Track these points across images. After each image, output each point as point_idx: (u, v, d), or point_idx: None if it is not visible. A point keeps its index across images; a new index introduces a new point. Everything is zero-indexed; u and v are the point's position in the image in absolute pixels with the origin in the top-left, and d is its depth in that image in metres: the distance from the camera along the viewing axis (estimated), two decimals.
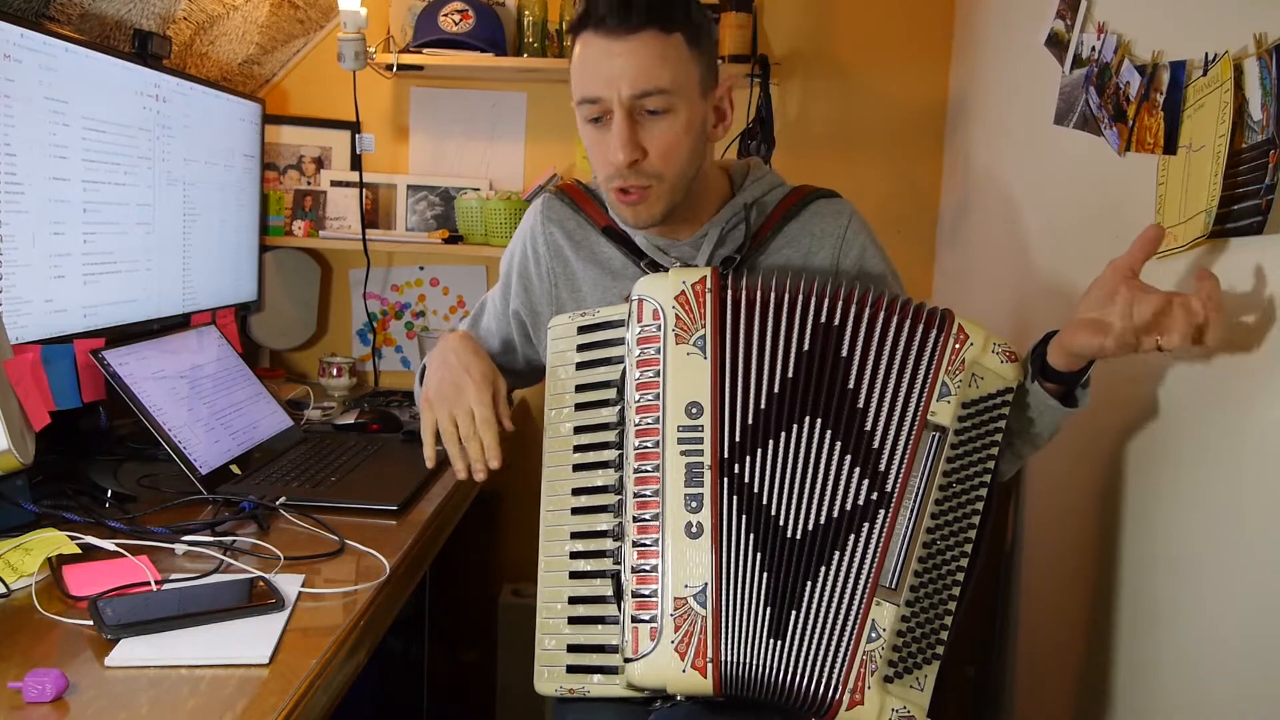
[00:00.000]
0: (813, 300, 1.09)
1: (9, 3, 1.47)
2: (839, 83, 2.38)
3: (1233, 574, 1.00)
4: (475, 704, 2.44)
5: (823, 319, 1.09)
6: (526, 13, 2.28)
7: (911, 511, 1.05)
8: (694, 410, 1.06)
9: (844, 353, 1.08)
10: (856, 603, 1.04)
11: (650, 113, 1.15)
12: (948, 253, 2.31)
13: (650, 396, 1.07)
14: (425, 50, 2.23)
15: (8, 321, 1.38)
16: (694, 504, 1.04)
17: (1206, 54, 1.07)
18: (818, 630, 1.04)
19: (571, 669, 1.10)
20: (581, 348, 1.18)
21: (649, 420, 1.07)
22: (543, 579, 1.14)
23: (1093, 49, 1.37)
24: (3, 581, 1.10)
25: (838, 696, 1.02)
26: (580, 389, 1.17)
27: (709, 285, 1.10)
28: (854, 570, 1.04)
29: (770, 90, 2.24)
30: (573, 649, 1.11)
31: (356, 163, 2.38)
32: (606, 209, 1.32)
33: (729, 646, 1.02)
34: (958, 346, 1.08)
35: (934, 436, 1.06)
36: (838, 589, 1.04)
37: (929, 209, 2.39)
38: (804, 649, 1.03)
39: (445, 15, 2.23)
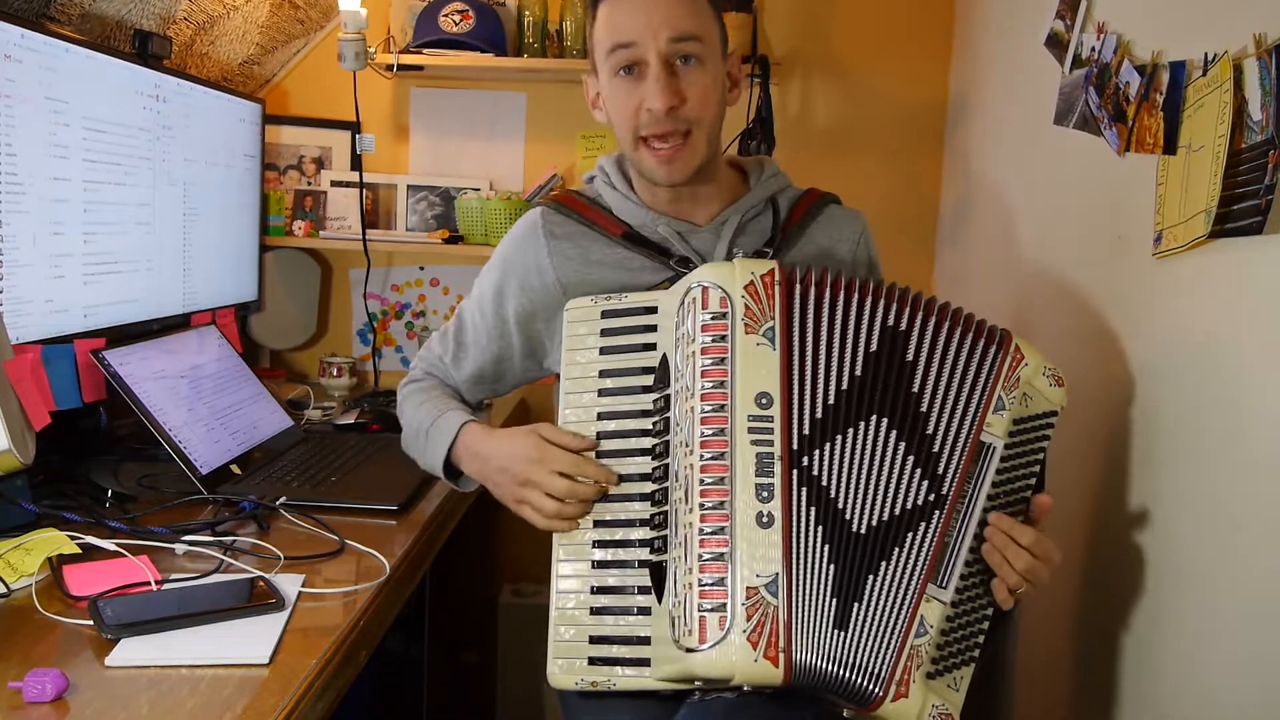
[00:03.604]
0: (881, 303, 1.11)
1: (9, 3, 1.47)
2: (839, 83, 2.38)
3: (1234, 574, 1.00)
4: (475, 704, 2.44)
5: (890, 322, 1.10)
6: (526, 13, 2.28)
7: (963, 515, 1.07)
8: (764, 400, 1.06)
9: (909, 357, 1.10)
10: (909, 598, 1.04)
11: (683, 61, 1.18)
12: (948, 253, 2.31)
13: (714, 384, 1.06)
14: (425, 50, 2.23)
15: (8, 321, 1.38)
16: (765, 494, 1.03)
17: (1206, 54, 1.07)
18: (874, 623, 1.04)
19: (595, 660, 1.08)
20: (606, 333, 1.17)
21: (712, 408, 1.06)
22: (559, 567, 1.12)
23: (1093, 49, 1.37)
24: (3, 581, 1.10)
25: (885, 688, 1.02)
26: (604, 375, 1.16)
27: (778, 278, 1.09)
28: (910, 566, 1.05)
29: (770, 90, 2.24)
30: (596, 640, 1.09)
31: (356, 163, 2.38)
32: (613, 212, 1.31)
33: (798, 637, 1.01)
34: (1014, 364, 1.11)
35: (988, 447, 1.09)
36: (895, 583, 1.05)
37: (929, 209, 2.39)
38: (862, 640, 1.03)
39: (445, 15, 2.23)
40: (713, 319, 1.08)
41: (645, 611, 1.09)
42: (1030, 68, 1.65)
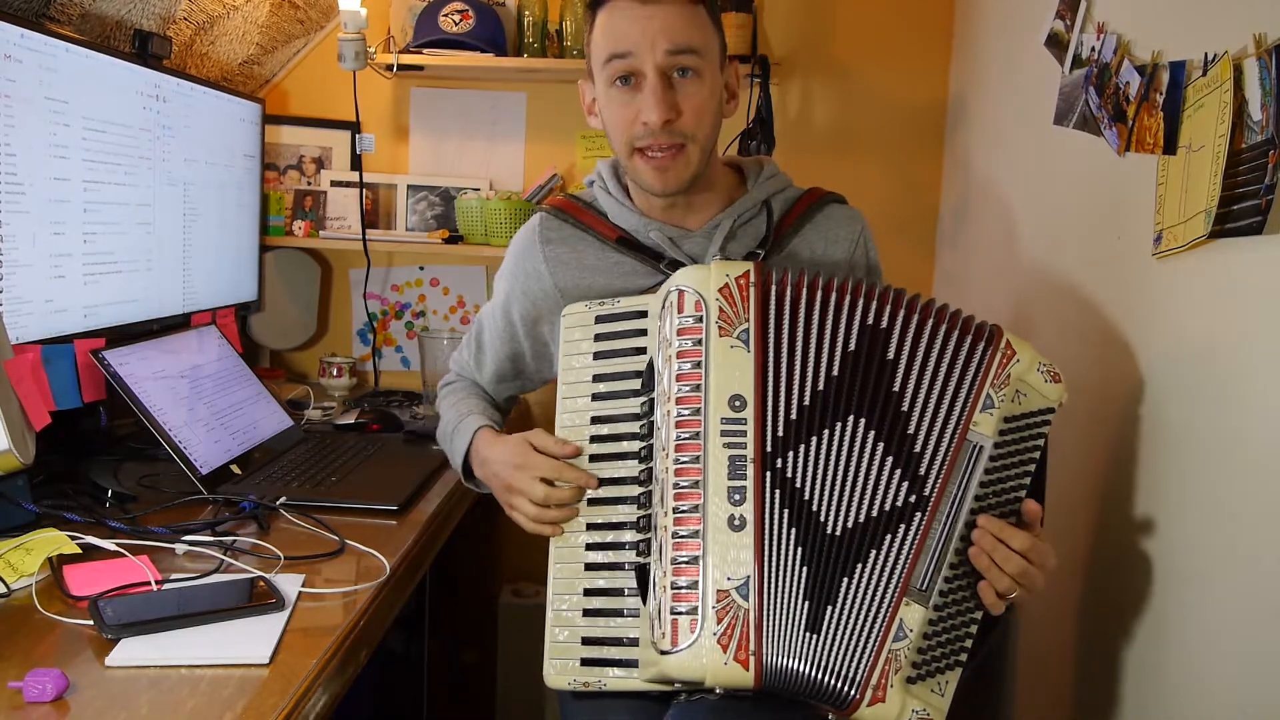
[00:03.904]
0: (860, 301, 1.09)
1: (9, 3, 1.47)
2: (839, 83, 2.38)
3: (1235, 574, 1.00)
4: (475, 704, 2.44)
5: (869, 320, 1.09)
6: (526, 13, 2.28)
7: (947, 517, 1.06)
8: (737, 403, 1.05)
9: (890, 355, 1.09)
10: (887, 601, 1.04)
11: (680, 74, 1.17)
12: (948, 253, 2.31)
13: (689, 388, 1.06)
14: (425, 50, 2.23)
15: (8, 321, 1.38)
16: (736, 497, 1.03)
17: (1206, 54, 1.07)
18: (849, 626, 1.03)
19: (586, 661, 1.09)
20: (600, 337, 1.17)
21: (687, 412, 1.06)
22: (554, 570, 1.14)
23: (1093, 49, 1.37)
24: (3, 581, 1.10)
25: (861, 692, 1.02)
26: (598, 379, 1.17)
27: (752, 279, 1.09)
28: (888, 569, 1.04)
29: (770, 90, 2.24)
30: (588, 641, 1.10)
31: (356, 163, 2.38)
32: (609, 217, 1.32)
33: (769, 639, 1.01)
34: (1004, 361, 1.09)
35: (974, 446, 1.07)
36: (871, 586, 1.04)
37: (929, 209, 2.39)
38: (836, 643, 1.03)
39: (445, 15, 2.23)
40: (688, 322, 1.08)
41: (634, 613, 1.09)
42: (1030, 68, 1.66)
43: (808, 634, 1.02)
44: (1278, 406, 0.94)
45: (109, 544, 1.20)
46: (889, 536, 1.05)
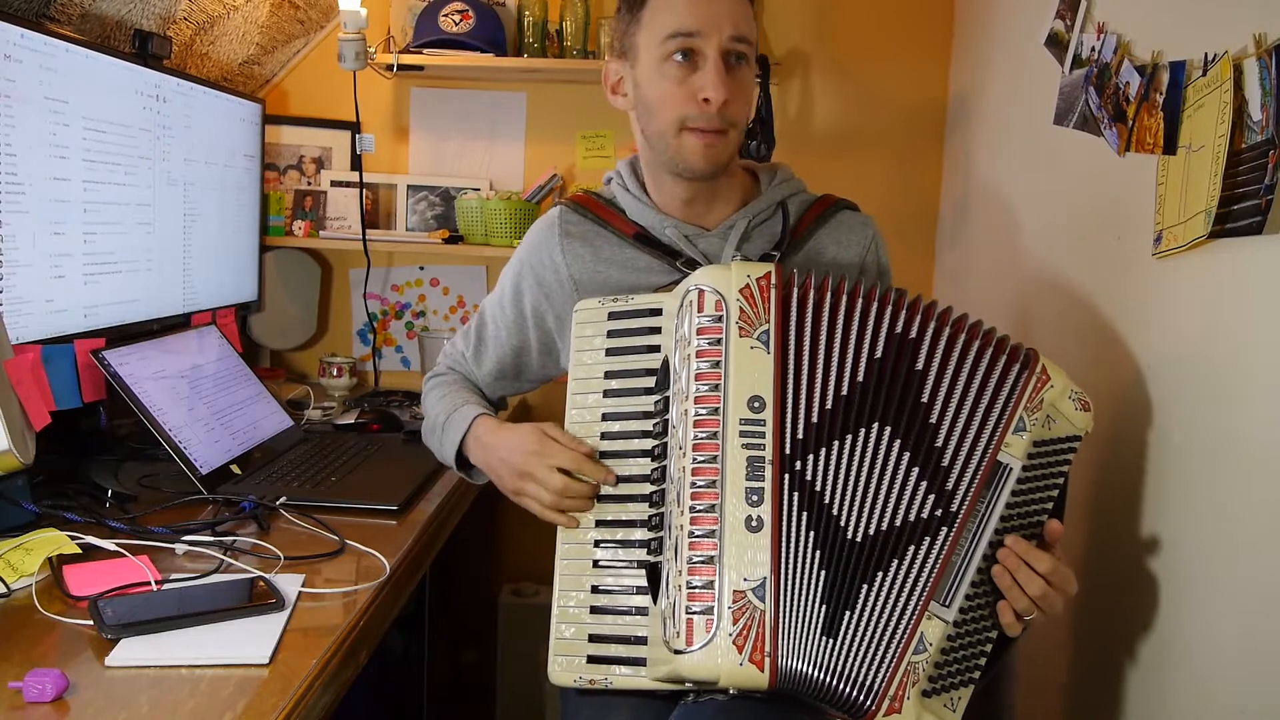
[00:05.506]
0: (888, 309, 1.09)
1: (9, 3, 1.47)
2: (839, 83, 2.38)
3: (1234, 575, 1.00)
4: (475, 704, 2.44)
5: (898, 330, 1.09)
6: (526, 13, 2.28)
7: (973, 535, 1.05)
8: (756, 404, 1.05)
9: (919, 366, 1.08)
10: (909, 613, 1.03)
11: (736, 60, 1.20)
12: (948, 253, 2.31)
13: (708, 387, 1.06)
14: (425, 50, 2.23)
15: (8, 321, 1.38)
16: (754, 498, 1.03)
17: (1206, 54, 1.07)
18: (868, 634, 1.03)
19: (593, 659, 1.09)
20: (613, 334, 1.17)
21: (705, 411, 1.05)
22: (561, 566, 1.13)
23: (1093, 49, 1.37)
24: (3, 581, 1.10)
25: (878, 701, 1.01)
26: (610, 376, 1.16)
27: (773, 280, 1.09)
28: (910, 580, 1.04)
29: (770, 90, 2.24)
30: (595, 639, 1.09)
31: (356, 163, 2.38)
32: (627, 214, 1.32)
33: (785, 641, 1.01)
34: (1039, 385, 1.08)
35: (1005, 467, 1.06)
36: (893, 596, 1.03)
37: (929, 209, 2.39)
38: (854, 650, 1.02)
39: (445, 15, 2.23)
40: (708, 322, 1.08)
41: (643, 612, 1.09)
42: (1030, 68, 1.66)
43: (824, 639, 1.02)
44: (1278, 406, 0.94)
45: (109, 544, 1.20)
46: (912, 548, 1.04)
